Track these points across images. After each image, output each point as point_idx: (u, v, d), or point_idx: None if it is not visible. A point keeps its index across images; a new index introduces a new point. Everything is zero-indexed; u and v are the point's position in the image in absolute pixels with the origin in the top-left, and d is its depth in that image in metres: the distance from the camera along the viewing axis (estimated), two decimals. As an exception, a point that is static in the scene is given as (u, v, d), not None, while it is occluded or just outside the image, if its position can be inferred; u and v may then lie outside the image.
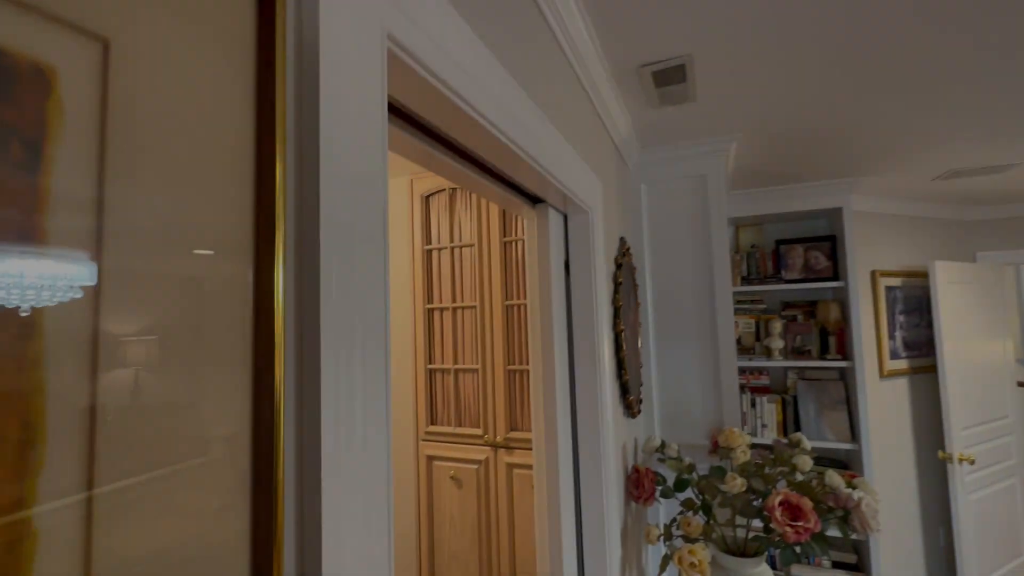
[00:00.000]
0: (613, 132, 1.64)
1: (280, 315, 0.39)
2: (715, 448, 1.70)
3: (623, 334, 1.49)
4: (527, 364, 1.99)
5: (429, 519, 2.13)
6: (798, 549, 1.28)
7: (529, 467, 1.96)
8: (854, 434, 2.57)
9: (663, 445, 1.65)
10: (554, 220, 1.27)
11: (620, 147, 1.77)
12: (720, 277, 1.86)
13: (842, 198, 2.61)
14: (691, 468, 1.55)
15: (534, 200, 1.23)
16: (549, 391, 1.24)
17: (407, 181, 2.29)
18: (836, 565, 2.57)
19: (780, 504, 1.26)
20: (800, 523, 1.22)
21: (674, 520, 1.44)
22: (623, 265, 1.61)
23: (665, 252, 1.96)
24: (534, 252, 1.27)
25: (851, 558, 2.55)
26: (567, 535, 1.24)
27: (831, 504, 1.30)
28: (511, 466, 2.00)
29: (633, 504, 1.55)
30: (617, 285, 1.52)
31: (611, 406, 1.41)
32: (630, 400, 1.53)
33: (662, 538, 1.39)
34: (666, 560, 1.35)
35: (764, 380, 2.83)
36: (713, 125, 1.78)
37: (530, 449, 1.96)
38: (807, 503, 1.25)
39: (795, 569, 2.58)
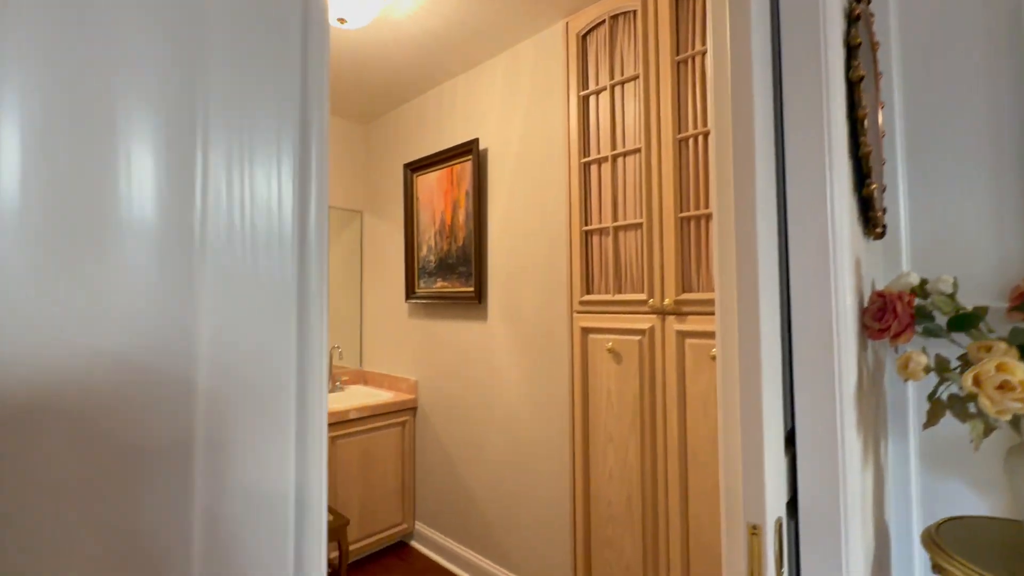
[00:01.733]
0: None
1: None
2: (1019, 304, 1.11)
3: (862, 97, 1.01)
4: (705, 207, 1.59)
5: (584, 398, 1.91)
6: None
7: (705, 335, 1.57)
8: None
9: (923, 283, 1.12)
10: None
11: None
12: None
13: None
14: (983, 311, 1.01)
15: None
16: (744, 172, 0.86)
17: (561, 26, 2.03)
18: None
19: None
20: None
21: (962, 359, 0.93)
22: (861, 17, 1.11)
23: (926, 32, 1.34)
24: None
25: None
26: (770, 396, 0.84)
27: None
28: (682, 335, 1.64)
29: (869, 344, 1.07)
30: (854, 48, 1.04)
31: (847, 196, 0.96)
32: (871, 189, 1.04)
33: (933, 374, 0.91)
34: (939, 407, 0.87)
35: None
36: None
37: (706, 314, 1.57)
38: None
39: None
